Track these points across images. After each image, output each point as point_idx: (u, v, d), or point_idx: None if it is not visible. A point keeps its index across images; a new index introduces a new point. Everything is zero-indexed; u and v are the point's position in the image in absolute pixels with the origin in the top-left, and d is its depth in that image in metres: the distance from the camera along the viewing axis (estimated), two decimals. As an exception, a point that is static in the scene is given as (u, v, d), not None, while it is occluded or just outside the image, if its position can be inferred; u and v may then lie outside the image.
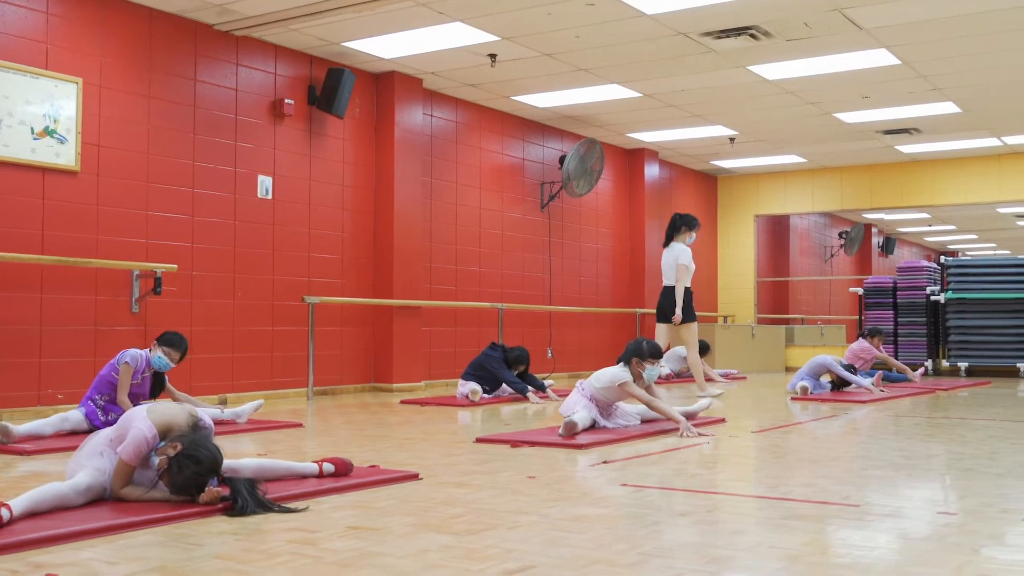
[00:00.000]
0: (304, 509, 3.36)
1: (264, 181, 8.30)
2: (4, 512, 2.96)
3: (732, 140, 12.42)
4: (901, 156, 13.41)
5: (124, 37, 7.26)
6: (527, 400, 8.05)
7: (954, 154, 13.17)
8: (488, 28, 7.94)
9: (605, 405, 5.82)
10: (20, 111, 6.55)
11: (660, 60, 8.83)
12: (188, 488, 3.33)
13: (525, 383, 8.17)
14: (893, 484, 4.00)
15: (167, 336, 5.67)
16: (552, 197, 11.60)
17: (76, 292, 6.89)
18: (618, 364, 5.83)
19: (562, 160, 11.43)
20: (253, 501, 3.29)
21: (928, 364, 12.14)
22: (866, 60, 8.71)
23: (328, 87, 8.60)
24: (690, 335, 8.86)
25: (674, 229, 8.90)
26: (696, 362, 8.91)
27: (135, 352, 5.60)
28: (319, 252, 8.78)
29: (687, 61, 8.84)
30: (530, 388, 8.14)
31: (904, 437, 5.74)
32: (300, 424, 6.24)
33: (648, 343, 5.85)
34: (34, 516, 3.09)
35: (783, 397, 8.76)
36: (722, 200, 15.25)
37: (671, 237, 8.90)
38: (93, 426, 5.35)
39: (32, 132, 6.62)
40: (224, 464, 3.44)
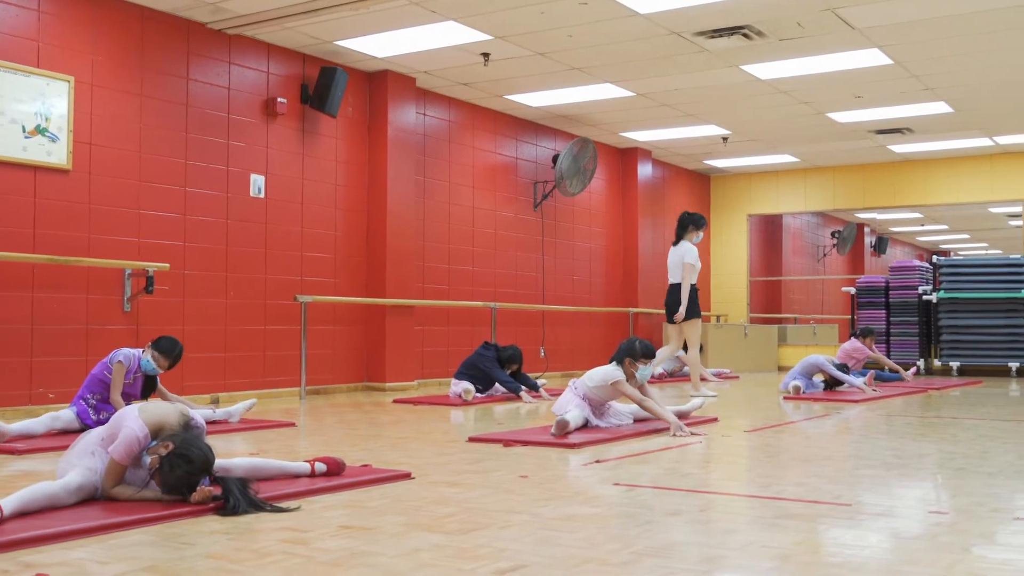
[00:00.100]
0: (296, 508, 3.35)
1: (257, 180, 8.28)
2: (-6, 512, 2.95)
3: (725, 140, 12.43)
4: (893, 156, 13.44)
5: (116, 35, 7.24)
6: (520, 399, 8.05)
7: (946, 154, 13.20)
8: (481, 27, 7.94)
9: (598, 404, 5.83)
10: (11, 109, 6.53)
11: (653, 59, 8.83)
12: (180, 487, 3.32)
13: (518, 382, 8.17)
14: (885, 483, 4.01)
15: (162, 342, 5.62)
16: (545, 196, 11.60)
17: (68, 291, 6.87)
18: (611, 363, 5.84)
19: (555, 159, 11.43)
20: (245, 500, 3.29)
21: (920, 363, 12.18)
22: (858, 60, 8.73)
23: (321, 86, 8.58)
24: (693, 333, 8.87)
25: (683, 228, 8.92)
26: (696, 360, 8.92)
27: (128, 351, 5.60)
28: (312, 251, 8.77)
29: (680, 60, 8.85)
30: (523, 387, 8.14)
31: (896, 436, 5.75)
32: (292, 423, 6.24)
33: (641, 343, 5.85)
34: (25, 515, 3.08)
35: (775, 396, 8.77)
36: (715, 200, 15.26)
37: (681, 236, 8.92)
38: (84, 425, 5.33)
39: (23, 130, 6.60)
40: (216, 463, 3.44)
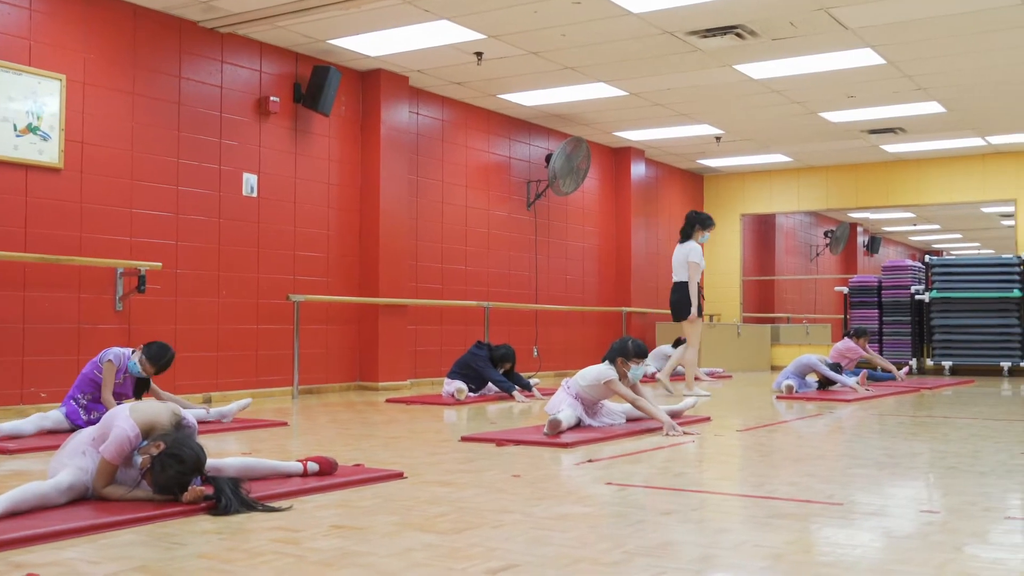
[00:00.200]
0: (288, 508, 3.35)
1: (249, 179, 8.26)
2: (-16, 512, 2.94)
3: (718, 139, 12.44)
4: (886, 155, 13.46)
5: (108, 34, 7.22)
6: (513, 399, 8.05)
7: (939, 154, 13.23)
8: (474, 26, 7.94)
9: (590, 403, 5.82)
10: (2, 108, 6.50)
11: (646, 59, 8.84)
12: (171, 487, 3.32)
13: (511, 382, 8.17)
14: (877, 483, 4.01)
15: (152, 347, 5.58)
16: (538, 196, 11.60)
17: (59, 290, 6.85)
18: (604, 362, 5.83)
19: (548, 159, 11.43)
20: (237, 500, 3.28)
21: (912, 363, 12.21)
22: (851, 60, 8.74)
23: (314, 85, 8.57)
24: (693, 331, 8.88)
25: (690, 226, 8.93)
26: (692, 359, 8.93)
27: (118, 350, 5.57)
28: (304, 250, 8.75)
29: (673, 60, 8.85)
30: (516, 387, 8.14)
31: (888, 436, 5.76)
32: (285, 423, 6.23)
33: (633, 342, 5.85)
34: (15, 515, 3.07)
35: (768, 396, 8.78)
36: (708, 199, 15.27)
37: (688, 235, 8.92)
38: (75, 425, 5.32)
39: (15, 129, 6.57)
40: (207, 463, 3.43)
